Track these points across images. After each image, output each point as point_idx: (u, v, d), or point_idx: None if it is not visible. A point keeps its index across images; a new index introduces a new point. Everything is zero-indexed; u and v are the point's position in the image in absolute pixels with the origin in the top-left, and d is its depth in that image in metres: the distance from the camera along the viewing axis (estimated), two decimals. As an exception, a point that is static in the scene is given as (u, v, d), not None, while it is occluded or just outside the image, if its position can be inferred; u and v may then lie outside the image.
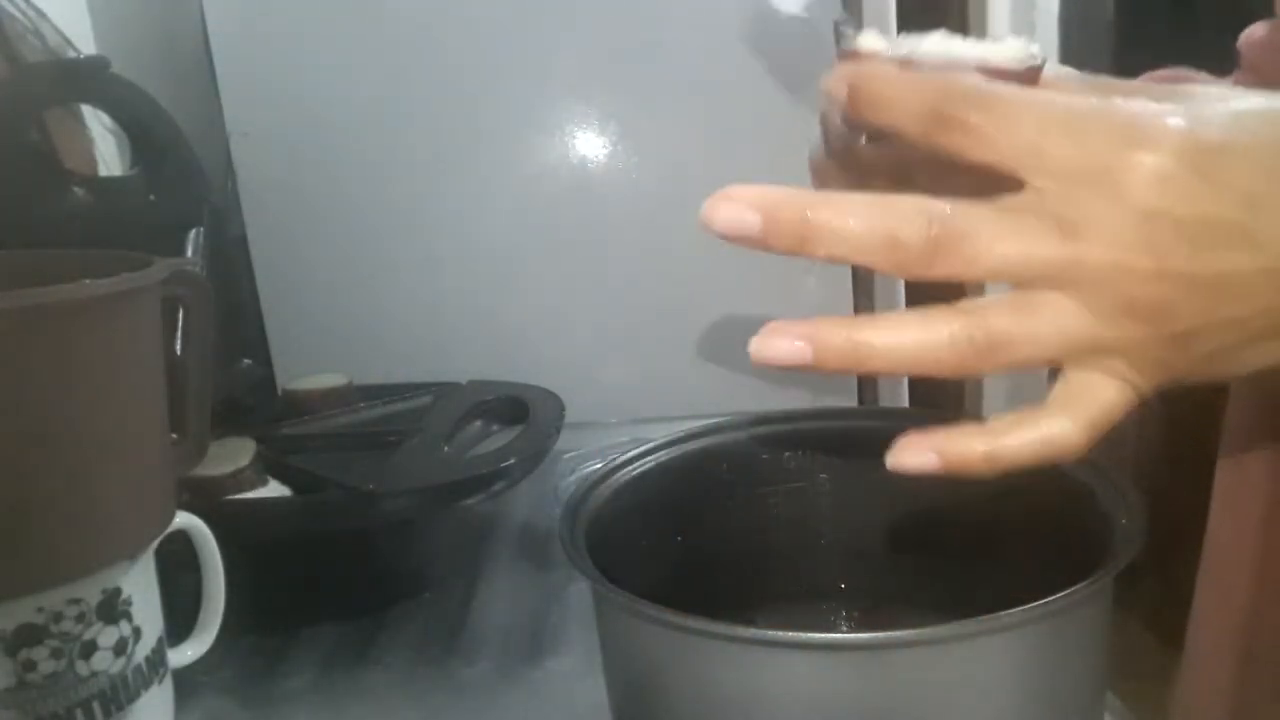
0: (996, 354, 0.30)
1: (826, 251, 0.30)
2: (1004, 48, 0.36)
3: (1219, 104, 0.30)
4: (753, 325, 0.32)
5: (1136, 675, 0.59)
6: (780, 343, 0.30)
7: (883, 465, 0.34)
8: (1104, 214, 0.29)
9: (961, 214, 0.30)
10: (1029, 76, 0.35)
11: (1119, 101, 0.30)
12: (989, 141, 0.30)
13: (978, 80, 0.31)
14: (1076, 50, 1.68)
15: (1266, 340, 0.31)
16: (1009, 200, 0.30)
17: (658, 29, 0.96)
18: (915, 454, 0.32)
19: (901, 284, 1.04)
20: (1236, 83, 0.69)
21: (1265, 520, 0.52)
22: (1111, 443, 0.32)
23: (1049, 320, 0.30)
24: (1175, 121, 0.29)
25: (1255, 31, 0.66)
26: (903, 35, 0.36)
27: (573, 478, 0.74)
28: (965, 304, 0.31)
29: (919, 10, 1.06)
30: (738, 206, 0.31)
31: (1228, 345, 0.31)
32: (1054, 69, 0.36)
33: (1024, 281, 0.30)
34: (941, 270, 0.30)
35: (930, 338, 0.30)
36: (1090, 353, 0.30)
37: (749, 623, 0.35)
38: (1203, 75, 0.63)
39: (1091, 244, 0.29)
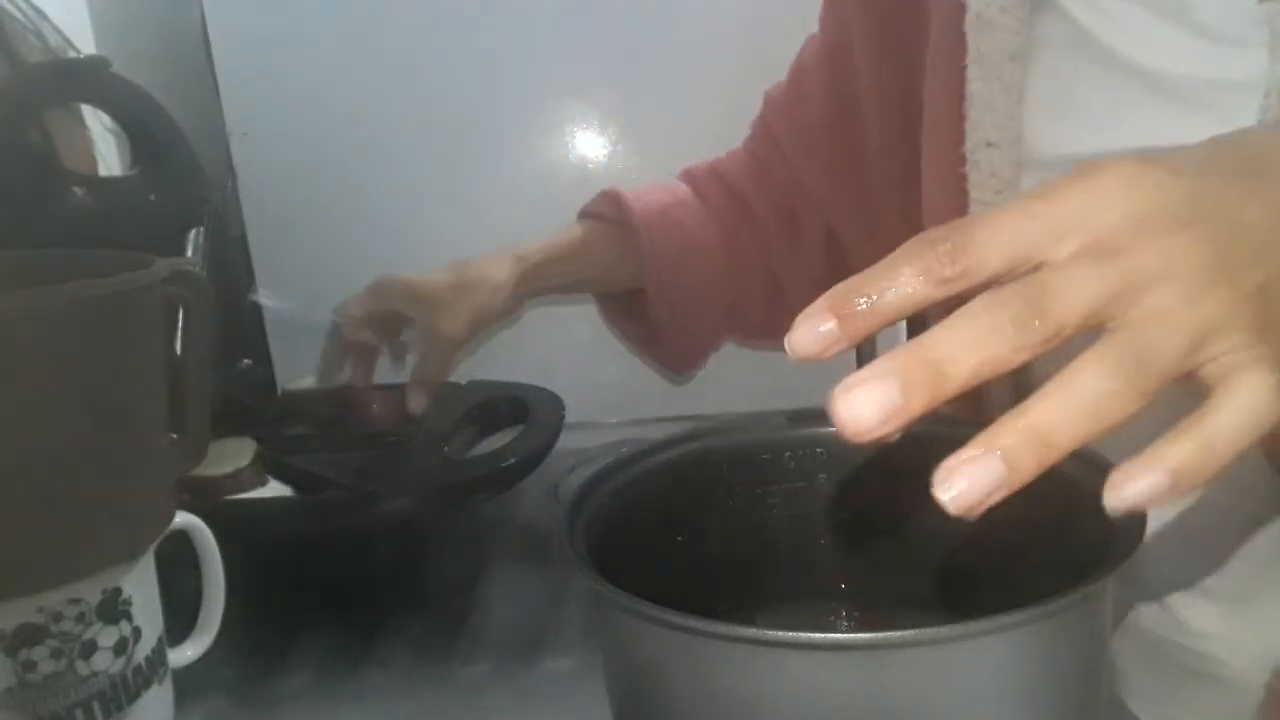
0: (1151, 371, 0.29)
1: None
2: None
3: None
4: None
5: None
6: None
7: (882, 466, 0.34)
8: (1116, 224, 0.30)
9: (1033, 288, 0.30)
10: None
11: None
12: (989, 257, 0.30)
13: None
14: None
15: None
16: (1046, 273, 0.30)
17: (659, 29, 0.96)
18: (1142, 480, 0.30)
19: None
20: (752, 134, 0.85)
21: None
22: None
23: (1165, 322, 0.30)
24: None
25: (776, 89, 0.74)
26: None
27: (573, 478, 0.74)
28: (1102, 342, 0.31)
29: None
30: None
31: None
32: None
33: (1121, 310, 0.30)
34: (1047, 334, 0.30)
35: (1088, 377, 0.29)
36: (1210, 333, 0.30)
37: (749, 623, 0.35)
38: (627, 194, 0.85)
39: (1130, 250, 0.30)
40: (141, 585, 0.48)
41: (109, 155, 0.83)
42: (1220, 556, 0.50)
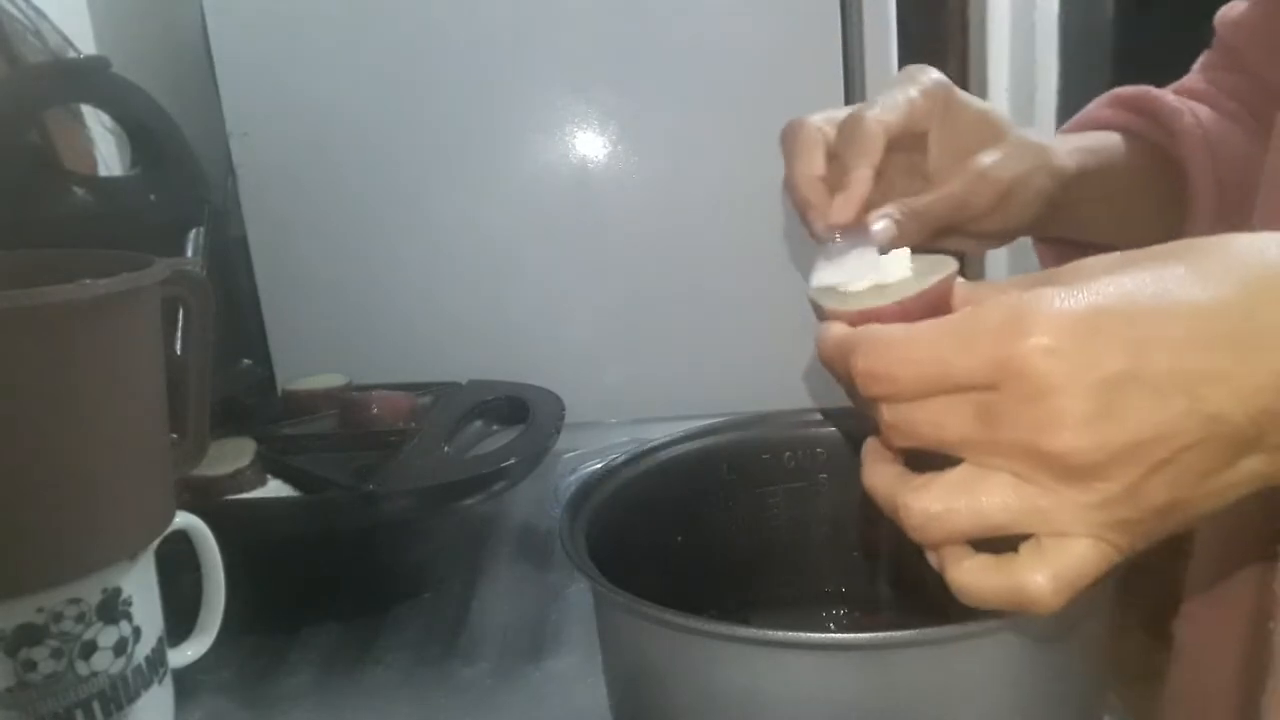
0: (939, 525, 0.33)
1: None
2: (909, 264, 0.40)
3: (1089, 276, 0.32)
4: (753, 325, 0.32)
5: (1136, 675, 0.59)
6: None
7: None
8: (1010, 402, 0.31)
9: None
10: (941, 290, 0.37)
11: (995, 300, 0.32)
12: (899, 379, 0.33)
13: (871, 330, 0.34)
14: (1075, 51, 1.68)
15: (1216, 473, 0.31)
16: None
17: (658, 28, 0.96)
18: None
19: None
20: (1206, 63, 0.68)
21: (1255, 530, 0.52)
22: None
23: (986, 493, 0.32)
24: (1048, 302, 0.31)
25: (1230, 11, 0.65)
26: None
27: (573, 478, 0.74)
28: (921, 480, 0.34)
29: (916, 16, 1.06)
30: None
31: (1178, 491, 0.31)
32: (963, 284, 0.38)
33: (966, 455, 0.33)
34: (898, 442, 0.34)
35: (885, 506, 0.34)
36: (1042, 521, 0.32)
37: (748, 623, 0.35)
38: (1167, 94, 0.63)
39: (1003, 428, 0.31)
40: (141, 585, 0.48)
41: (109, 155, 0.83)
42: None
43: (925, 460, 0.34)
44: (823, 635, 0.36)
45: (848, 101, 0.98)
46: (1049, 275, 0.34)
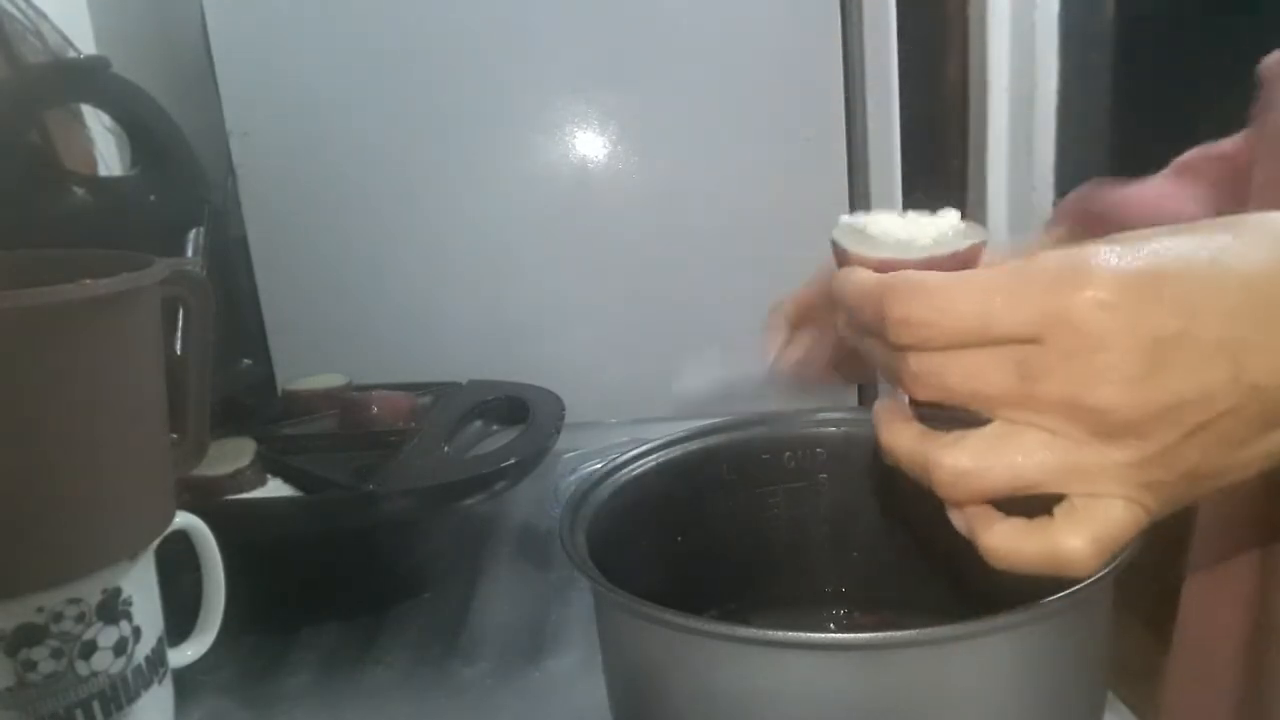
0: (972, 482, 0.32)
1: None
2: (944, 222, 0.38)
3: (1143, 239, 0.32)
4: (752, 325, 0.32)
5: (1136, 675, 0.59)
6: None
7: (883, 465, 0.34)
8: (1053, 356, 0.31)
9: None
10: (971, 254, 0.37)
11: (1046, 254, 0.31)
12: (937, 327, 0.32)
13: (909, 276, 0.33)
14: (1076, 53, 1.68)
15: (1247, 442, 0.32)
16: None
17: (659, 29, 0.96)
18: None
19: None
20: (1256, 114, 0.68)
21: (1256, 513, 0.52)
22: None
23: (1022, 450, 0.32)
24: (1105, 258, 0.31)
25: (1276, 58, 0.65)
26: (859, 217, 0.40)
27: (573, 478, 0.74)
28: (951, 436, 0.33)
29: (916, 16, 1.06)
30: None
31: (1210, 456, 0.32)
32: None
33: (998, 412, 0.32)
34: (922, 395, 0.34)
35: (911, 464, 0.34)
36: (1078, 479, 0.32)
37: (748, 623, 0.35)
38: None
39: (1043, 382, 0.31)
40: (141, 585, 0.48)
41: (109, 155, 0.83)
42: None
43: (936, 421, 0.34)
44: (823, 635, 0.35)
45: (848, 104, 0.98)
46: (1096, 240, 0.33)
